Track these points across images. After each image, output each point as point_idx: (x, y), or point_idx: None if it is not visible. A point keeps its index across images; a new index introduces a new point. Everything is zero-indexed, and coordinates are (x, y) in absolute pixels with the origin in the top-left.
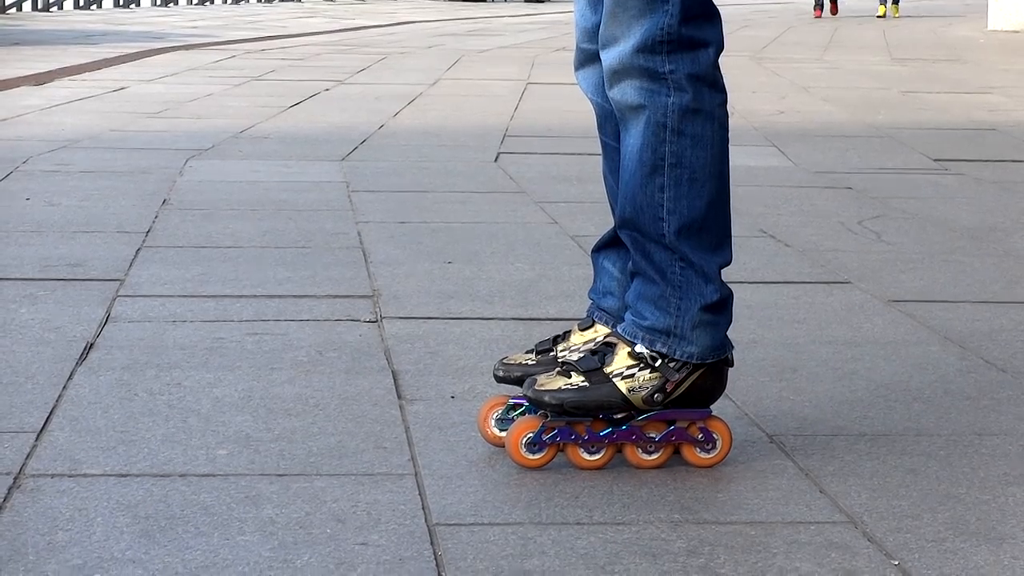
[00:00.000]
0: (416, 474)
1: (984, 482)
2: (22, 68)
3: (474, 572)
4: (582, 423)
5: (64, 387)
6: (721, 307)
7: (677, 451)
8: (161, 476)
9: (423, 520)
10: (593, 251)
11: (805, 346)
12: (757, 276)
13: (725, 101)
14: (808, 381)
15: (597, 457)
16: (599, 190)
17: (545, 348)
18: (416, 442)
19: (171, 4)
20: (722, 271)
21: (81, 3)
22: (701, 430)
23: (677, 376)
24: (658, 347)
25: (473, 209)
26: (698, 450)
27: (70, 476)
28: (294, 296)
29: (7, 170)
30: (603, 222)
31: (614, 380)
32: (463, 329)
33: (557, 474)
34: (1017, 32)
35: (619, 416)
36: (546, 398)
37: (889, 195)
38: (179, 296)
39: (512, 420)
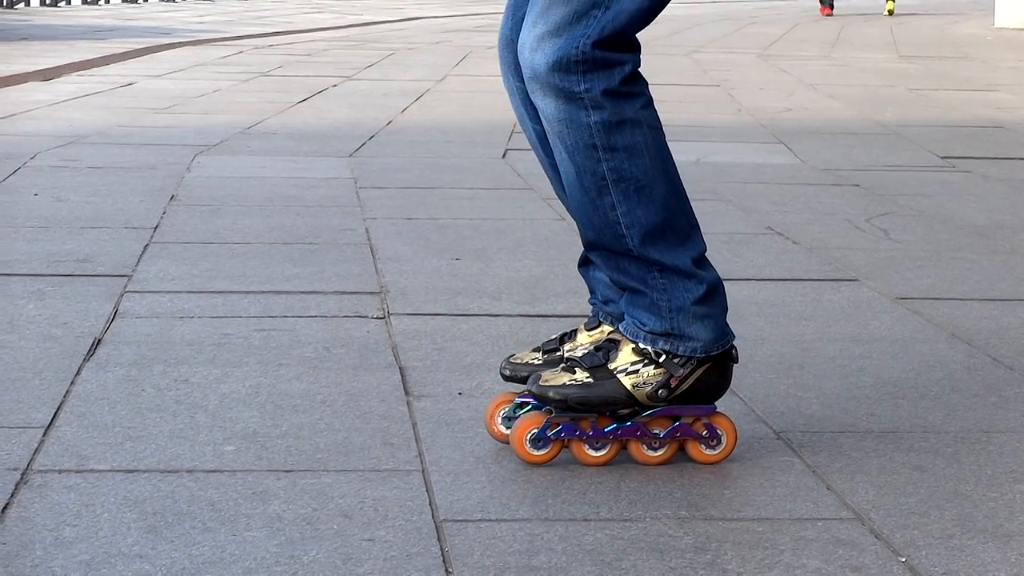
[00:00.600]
0: (423, 470)
1: (991, 479)
2: (30, 64)
3: (481, 568)
4: (587, 419)
5: (71, 383)
6: (710, 297)
7: (682, 448)
8: (168, 472)
9: (430, 516)
10: (580, 267)
11: (812, 343)
12: (764, 273)
13: (648, 102)
14: (815, 378)
15: (602, 453)
16: None
17: (552, 348)
18: (423, 438)
19: (178, 0)
20: (703, 261)
21: None
22: (706, 426)
23: (681, 372)
24: (660, 345)
25: (481, 205)
26: (703, 447)
27: (77, 472)
28: (302, 292)
29: (15, 166)
30: None
31: (618, 376)
32: (471, 325)
33: (564, 470)
34: None
35: (624, 412)
36: (550, 393)
37: (896, 192)
38: (187, 292)
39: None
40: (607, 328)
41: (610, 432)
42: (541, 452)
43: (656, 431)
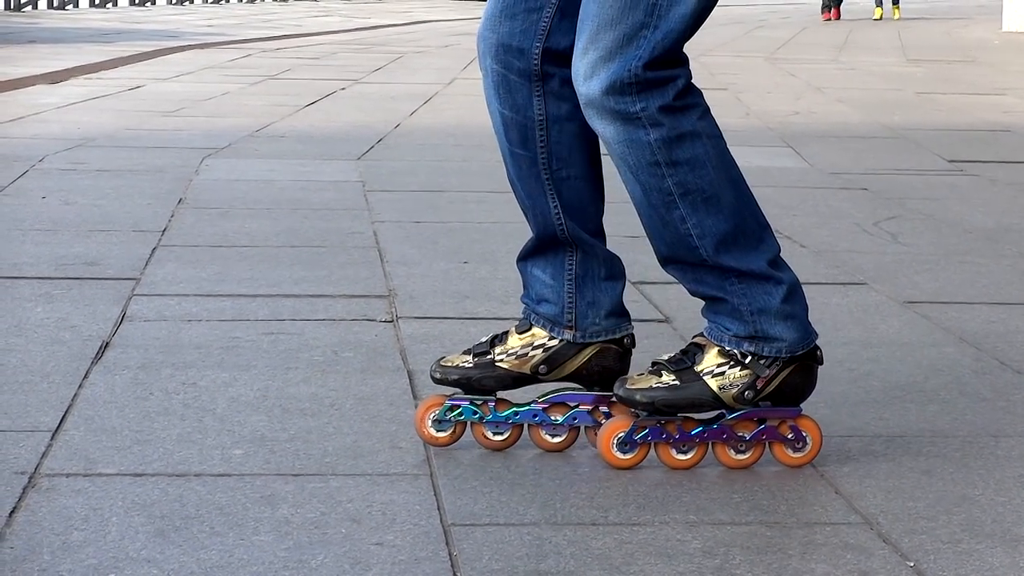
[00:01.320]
0: (431, 474)
1: (1000, 484)
2: (38, 67)
3: (489, 572)
4: (673, 422)
5: (79, 386)
6: (791, 297)
7: (768, 450)
8: (176, 476)
9: (438, 520)
10: (519, 261)
11: (820, 347)
12: None
13: (704, 112)
14: (823, 382)
15: (688, 457)
16: (612, 189)
17: (482, 351)
18: None
19: (186, 3)
20: (779, 262)
21: (96, 2)
22: (792, 428)
23: (768, 372)
24: (745, 347)
25: (489, 209)
26: (788, 449)
27: (85, 476)
28: (310, 296)
29: (23, 168)
30: (615, 221)
31: (704, 378)
32: (479, 329)
33: (572, 474)
34: None
35: (710, 415)
36: (637, 396)
37: (904, 196)
38: (195, 295)
39: (450, 421)
40: (539, 332)
41: (696, 435)
42: (628, 456)
43: (742, 434)
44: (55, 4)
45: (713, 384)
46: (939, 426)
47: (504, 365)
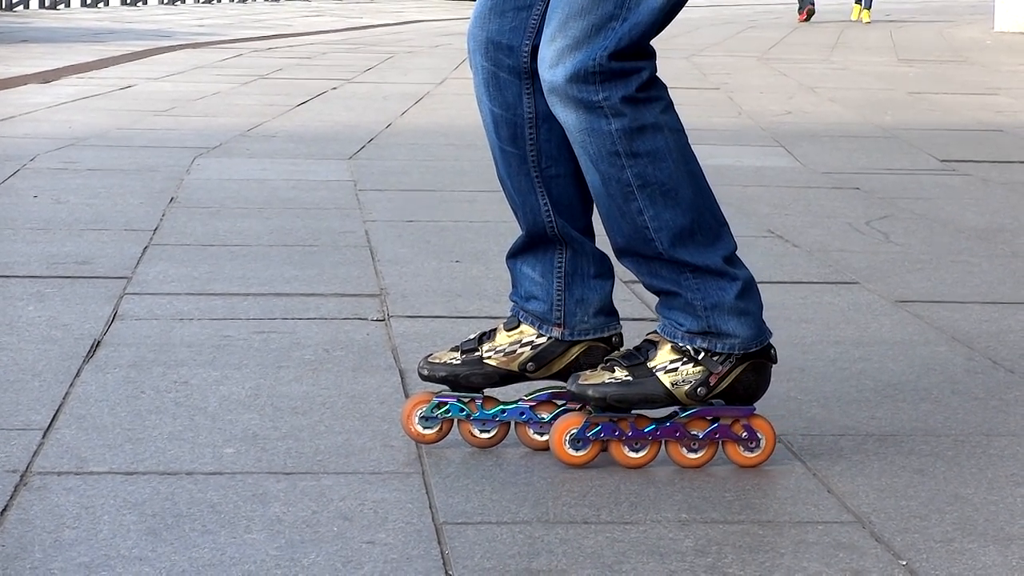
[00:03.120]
0: (423, 472)
1: (992, 483)
2: (29, 66)
3: (481, 571)
4: (626, 419)
5: (71, 385)
6: (746, 294)
7: (721, 450)
8: (168, 474)
9: (430, 519)
10: (508, 258)
11: (813, 346)
12: (765, 276)
13: (667, 105)
14: (816, 381)
15: (641, 455)
16: None
17: (470, 347)
18: None
19: (178, 2)
20: (735, 259)
21: (88, 1)
22: (745, 428)
23: (720, 369)
24: (699, 344)
25: (480, 208)
26: (742, 449)
27: (76, 474)
28: (301, 294)
29: (14, 167)
30: None
31: (657, 374)
32: (471, 328)
33: (564, 473)
34: (1023, 33)
35: (662, 414)
36: (589, 392)
37: (896, 196)
38: (186, 294)
39: (437, 418)
40: (527, 329)
41: (649, 433)
42: (580, 453)
43: (695, 432)
44: (47, 4)
45: (666, 380)
46: (931, 425)
47: (492, 362)
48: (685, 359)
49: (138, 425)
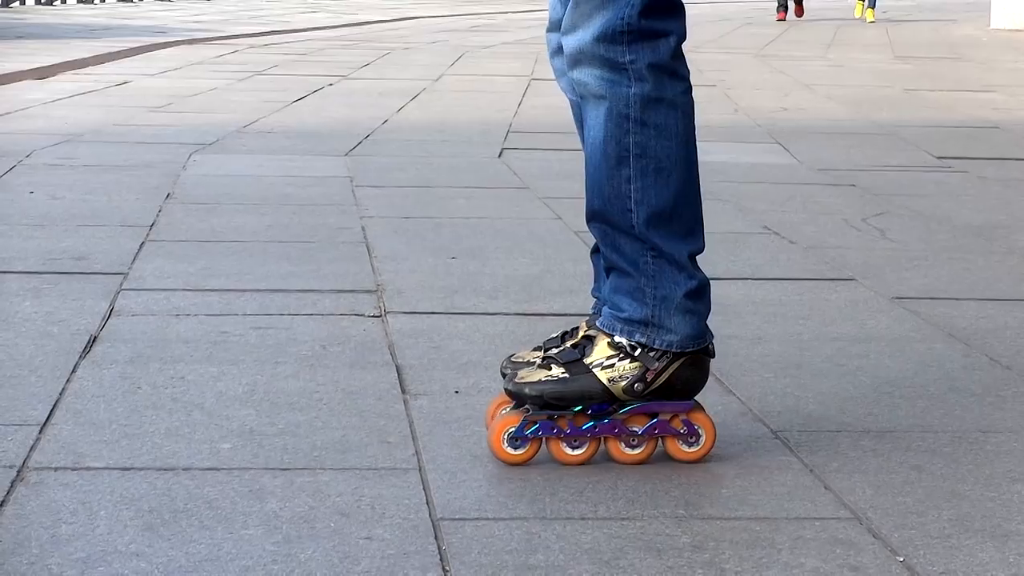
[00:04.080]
0: (420, 468)
1: (989, 479)
2: (25, 62)
3: (478, 567)
4: (564, 417)
5: (67, 380)
6: (698, 295)
7: (660, 445)
8: (165, 470)
9: (427, 515)
10: (593, 253)
11: (810, 343)
12: (761, 273)
13: (688, 89)
14: (813, 377)
15: (579, 452)
16: None
17: (554, 345)
18: (420, 436)
19: None
20: (697, 259)
21: None
22: (684, 423)
23: (657, 365)
24: (637, 337)
25: (477, 204)
26: (681, 443)
27: (73, 469)
28: (298, 290)
29: (11, 163)
30: None
31: (594, 370)
32: (467, 324)
33: (561, 469)
34: (1019, 30)
35: (601, 410)
36: (526, 390)
37: (893, 192)
38: (183, 290)
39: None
40: None
41: (587, 430)
42: (519, 451)
43: (634, 428)
44: (43, 0)
45: (603, 376)
46: (929, 421)
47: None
48: (622, 355)
49: (135, 421)
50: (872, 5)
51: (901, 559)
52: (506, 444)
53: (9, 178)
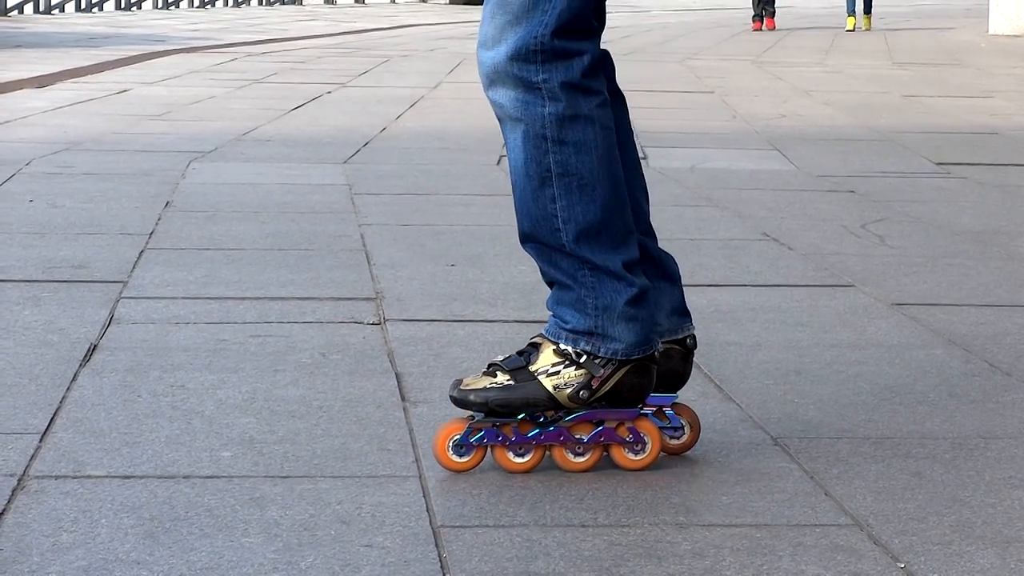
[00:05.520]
0: (420, 476)
1: (990, 485)
2: (24, 71)
3: (479, 574)
4: (509, 424)
5: (68, 389)
6: (638, 302)
7: (607, 453)
8: (165, 478)
9: (427, 522)
10: None
11: (809, 349)
12: (760, 279)
13: (604, 102)
14: (812, 384)
15: (525, 460)
16: None
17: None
18: (420, 444)
19: (172, 7)
20: (635, 267)
21: (83, 6)
22: (630, 430)
23: (602, 372)
24: (582, 346)
25: (475, 212)
26: (627, 451)
27: (74, 478)
28: (297, 298)
29: (10, 172)
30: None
31: (539, 378)
32: (466, 331)
33: (561, 476)
34: (1018, 36)
35: (547, 417)
36: (471, 397)
37: (892, 199)
38: (182, 298)
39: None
40: None
41: (533, 437)
42: (464, 459)
43: (579, 436)
44: (41, 8)
45: (548, 384)
46: (929, 428)
47: None
48: (567, 362)
49: (135, 429)
50: (867, 11)
51: (902, 565)
52: (451, 452)
53: (9, 186)
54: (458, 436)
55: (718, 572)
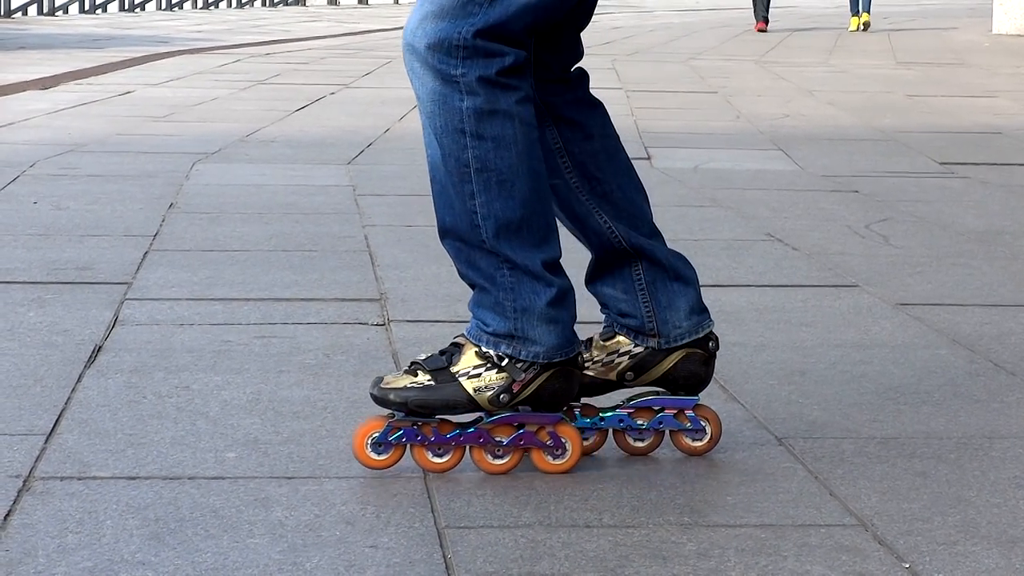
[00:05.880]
0: (425, 477)
1: (995, 485)
2: (28, 72)
3: (483, 575)
4: (429, 424)
5: (73, 390)
6: (559, 302)
7: (526, 456)
8: (170, 479)
9: (432, 523)
10: (587, 284)
11: (813, 349)
12: (765, 280)
13: (524, 98)
14: (817, 384)
15: (444, 460)
16: None
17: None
18: None
19: (176, 8)
20: (557, 267)
21: (86, 7)
22: (550, 435)
23: (523, 376)
24: (503, 349)
25: None
26: (547, 455)
27: (79, 479)
28: (302, 299)
29: (14, 174)
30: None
31: (460, 379)
32: None
33: (566, 477)
34: (1021, 36)
35: (468, 419)
36: (391, 396)
37: (896, 199)
38: (187, 299)
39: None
40: (623, 339)
41: (452, 438)
42: (382, 457)
43: (499, 438)
44: (45, 10)
45: (468, 386)
46: (933, 428)
47: (590, 372)
48: (488, 365)
49: (140, 430)
50: (867, 9)
51: (907, 565)
52: (369, 449)
53: (13, 188)
54: (377, 434)
55: (723, 572)
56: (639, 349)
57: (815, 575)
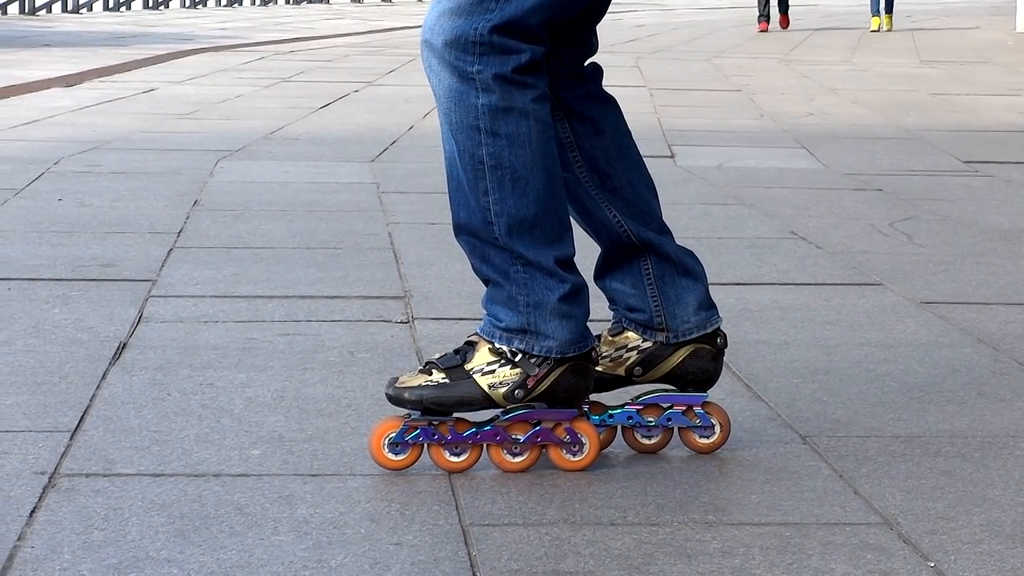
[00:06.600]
0: (449, 474)
1: (1020, 484)
2: (53, 70)
3: (508, 573)
4: (445, 423)
5: (98, 387)
6: (573, 298)
7: (544, 453)
8: (195, 476)
9: (457, 520)
10: (596, 279)
11: (837, 348)
12: (788, 278)
13: (540, 96)
14: (841, 383)
15: (461, 459)
16: None
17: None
18: None
19: (200, 6)
20: (570, 264)
21: (110, 5)
22: (567, 431)
23: (538, 371)
24: (516, 344)
25: None
26: (564, 452)
27: (105, 476)
28: (326, 297)
29: (39, 171)
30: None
31: (474, 376)
32: None
33: (590, 475)
34: None
35: (484, 417)
36: (406, 395)
37: (919, 197)
38: (211, 296)
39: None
40: (631, 335)
41: (469, 436)
42: (399, 457)
43: (516, 436)
44: (69, 8)
45: (483, 382)
46: (958, 427)
47: (599, 368)
48: (502, 361)
49: (165, 427)
50: (889, 11)
51: (932, 564)
52: (386, 449)
53: (37, 185)
54: (393, 434)
55: (747, 571)
56: (647, 344)
57: (839, 574)
